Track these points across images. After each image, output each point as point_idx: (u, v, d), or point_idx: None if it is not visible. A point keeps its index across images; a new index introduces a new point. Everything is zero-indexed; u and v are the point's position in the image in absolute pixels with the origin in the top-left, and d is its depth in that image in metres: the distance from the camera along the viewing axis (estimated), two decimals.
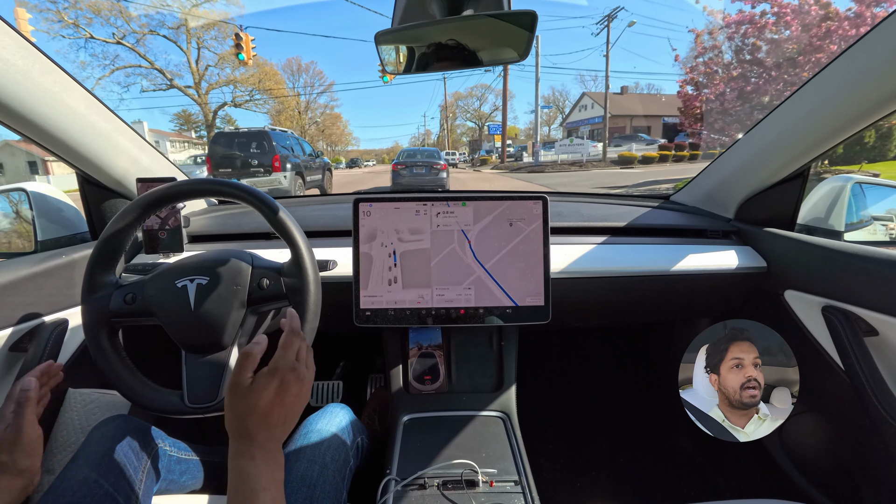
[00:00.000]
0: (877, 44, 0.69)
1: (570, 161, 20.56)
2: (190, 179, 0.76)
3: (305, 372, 0.54)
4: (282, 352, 0.53)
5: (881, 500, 0.85)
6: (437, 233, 0.91)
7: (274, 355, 0.53)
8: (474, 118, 54.23)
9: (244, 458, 0.47)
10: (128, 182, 1.03)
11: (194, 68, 25.58)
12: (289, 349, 0.53)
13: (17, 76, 0.72)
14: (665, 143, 24.08)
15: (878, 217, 1.12)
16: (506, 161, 25.74)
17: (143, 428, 0.78)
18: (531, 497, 0.78)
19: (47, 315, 0.84)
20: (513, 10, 0.67)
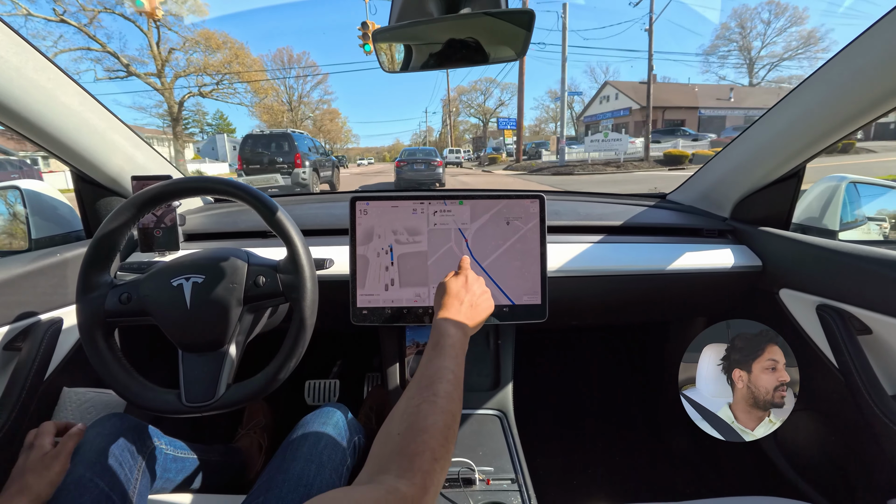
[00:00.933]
0: (871, 45, 0.70)
1: (604, 160, 16.69)
2: (186, 177, 0.76)
3: (484, 286, 0.73)
4: (465, 268, 0.73)
5: (874, 496, 0.86)
6: (434, 231, 0.91)
7: (455, 273, 0.73)
8: (478, 114, 51.85)
9: (441, 319, 0.63)
10: (123, 180, 1.03)
11: (156, 52, 21.07)
12: (466, 268, 0.73)
13: (10, 73, 0.72)
14: (716, 138, 19.83)
15: (872, 216, 1.13)
16: (522, 160, 21.73)
17: (139, 427, 0.78)
18: (528, 495, 0.78)
19: (42, 314, 0.84)
20: (510, 9, 0.67)
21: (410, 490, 0.38)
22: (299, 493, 0.69)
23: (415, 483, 0.39)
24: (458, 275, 0.72)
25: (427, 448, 0.42)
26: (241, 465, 1.11)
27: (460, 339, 0.60)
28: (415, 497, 0.38)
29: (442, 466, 0.43)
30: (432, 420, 0.45)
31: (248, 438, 1.24)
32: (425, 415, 0.46)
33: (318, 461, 0.75)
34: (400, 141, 79.28)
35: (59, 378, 0.85)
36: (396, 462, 0.41)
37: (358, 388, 1.55)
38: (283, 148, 9.32)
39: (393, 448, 0.43)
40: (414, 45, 0.77)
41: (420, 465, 0.41)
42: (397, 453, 0.42)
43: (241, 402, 0.69)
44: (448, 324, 0.62)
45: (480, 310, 0.69)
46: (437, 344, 0.58)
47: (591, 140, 17.02)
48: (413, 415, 0.46)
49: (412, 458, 0.41)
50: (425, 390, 0.49)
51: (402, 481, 0.39)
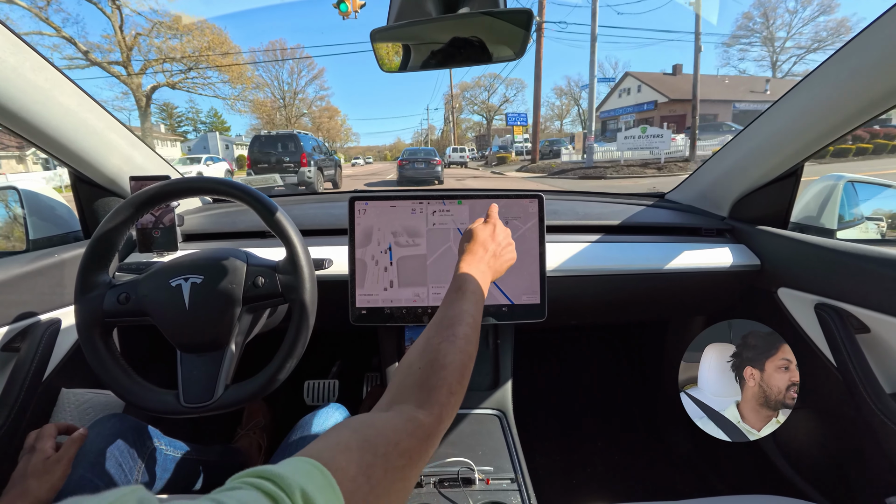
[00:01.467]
0: (869, 44, 0.70)
1: (640, 160, 14.31)
2: (184, 178, 0.76)
3: (509, 237, 0.73)
4: (493, 216, 0.73)
5: (873, 494, 0.86)
6: (432, 231, 0.91)
7: (484, 221, 0.73)
8: (482, 111, 49.61)
9: (465, 263, 0.64)
10: (121, 180, 1.02)
11: (120, 37, 18.44)
12: (495, 216, 0.74)
13: (7, 73, 0.71)
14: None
15: (870, 215, 1.14)
16: (538, 160, 18.60)
17: (138, 427, 0.77)
18: (527, 494, 0.78)
19: (40, 314, 0.83)
20: (509, 9, 0.67)
21: (428, 419, 0.41)
22: None
23: (432, 413, 0.42)
24: (486, 223, 0.72)
25: (445, 383, 0.45)
26: (241, 465, 1.11)
27: (482, 285, 0.62)
28: (431, 425, 0.41)
29: (457, 400, 0.46)
30: (451, 358, 0.48)
31: (247, 439, 1.24)
32: (445, 353, 0.48)
33: None
34: (401, 139, 79.05)
35: (57, 379, 0.85)
36: (416, 393, 0.44)
37: (357, 389, 1.55)
38: (289, 148, 9.91)
39: (413, 380, 0.46)
40: (412, 44, 0.77)
41: (437, 398, 0.44)
42: (417, 386, 0.45)
43: (240, 403, 0.69)
44: (472, 269, 0.63)
45: (503, 260, 0.70)
46: (459, 288, 0.59)
47: (625, 137, 14.18)
48: (433, 352, 0.49)
49: (430, 391, 0.44)
50: (446, 330, 0.52)
51: (421, 411, 0.42)
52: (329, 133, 47.01)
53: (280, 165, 9.71)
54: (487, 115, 49.35)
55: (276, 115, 37.71)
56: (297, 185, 9.58)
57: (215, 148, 33.77)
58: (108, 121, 0.95)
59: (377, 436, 0.37)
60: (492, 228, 0.70)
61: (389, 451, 0.36)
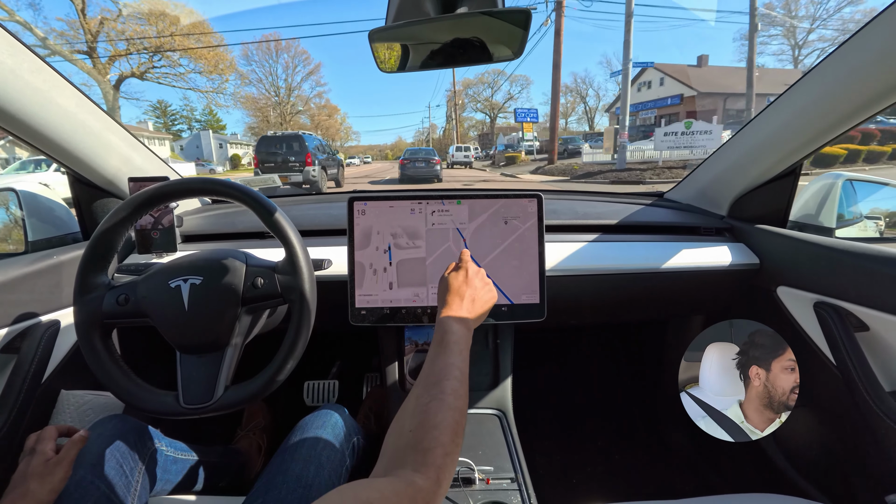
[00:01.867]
0: (867, 42, 0.70)
1: (680, 161, 12.17)
2: (183, 178, 0.76)
3: (484, 278, 0.73)
4: (465, 261, 0.73)
5: (872, 492, 0.86)
6: (432, 231, 0.91)
7: (455, 267, 0.73)
8: (485, 109, 48.04)
9: (444, 316, 0.63)
10: (119, 181, 1.02)
11: (82, 20, 16.38)
12: (466, 260, 0.74)
13: (5, 75, 0.71)
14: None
15: (869, 214, 1.14)
16: (557, 160, 16.22)
17: (139, 428, 0.77)
18: (527, 494, 0.78)
19: (39, 316, 0.83)
20: (507, 8, 0.67)
21: (426, 483, 0.41)
22: (299, 493, 0.69)
23: (430, 477, 0.42)
24: (458, 269, 0.72)
25: (439, 444, 0.45)
26: (241, 466, 1.11)
27: (464, 334, 0.62)
28: (430, 490, 0.41)
29: (452, 460, 0.46)
30: (441, 417, 0.48)
31: (247, 439, 1.24)
32: (434, 412, 0.48)
33: (317, 462, 0.75)
34: (402, 138, 78.69)
35: (56, 380, 0.85)
36: (412, 457, 0.44)
37: (357, 389, 1.55)
38: (294, 148, 10.37)
39: (407, 444, 0.46)
40: (411, 44, 0.77)
41: (433, 460, 0.43)
42: (412, 449, 0.45)
43: (239, 404, 0.69)
44: (451, 320, 0.63)
45: (482, 302, 0.70)
46: (441, 341, 0.59)
47: (664, 134, 12.14)
48: (423, 412, 0.48)
49: (425, 454, 0.44)
50: (433, 388, 0.51)
51: (418, 475, 0.42)
52: (328, 132, 45.80)
53: (286, 165, 10.17)
54: (491, 112, 47.88)
55: (271, 113, 36.07)
56: (302, 184, 10.04)
57: (208, 147, 32.90)
58: (106, 122, 0.95)
59: (380, 500, 0.36)
60: (464, 274, 0.70)
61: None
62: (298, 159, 10.22)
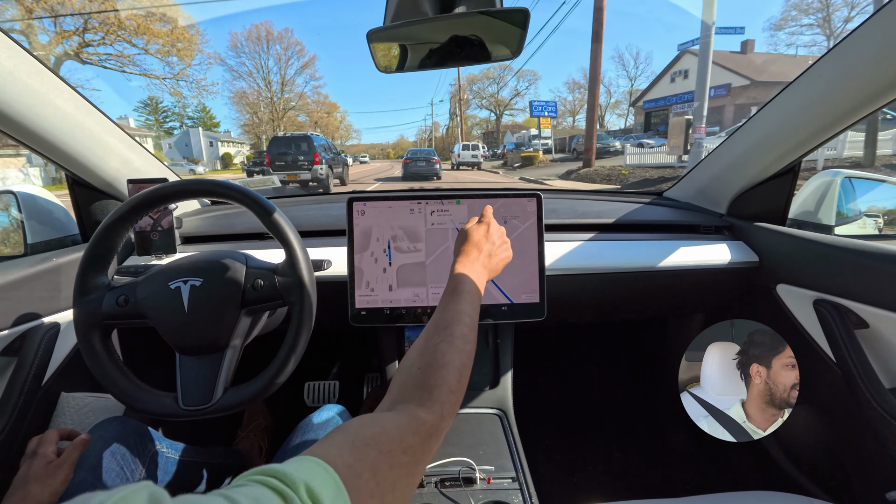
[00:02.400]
0: (865, 40, 0.70)
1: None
2: (182, 180, 0.76)
3: (504, 236, 0.73)
4: (488, 216, 0.73)
5: (873, 489, 0.86)
6: (431, 231, 0.91)
7: (478, 221, 0.73)
8: (491, 105, 45.95)
9: (460, 264, 0.64)
10: (118, 183, 1.02)
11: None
12: (489, 216, 0.74)
13: (3, 77, 0.71)
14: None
15: (868, 211, 1.14)
16: (594, 162, 13.15)
17: (140, 430, 0.77)
18: (528, 493, 0.78)
19: (39, 318, 0.83)
20: (505, 8, 0.67)
21: (430, 417, 0.42)
22: None
23: (434, 411, 0.43)
24: (480, 223, 0.72)
25: (445, 382, 0.46)
26: (242, 467, 1.11)
27: (477, 286, 0.62)
28: (433, 423, 0.42)
29: (457, 398, 0.47)
30: (449, 358, 0.49)
31: (248, 441, 1.24)
32: (443, 353, 0.49)
33: None
34: (404, 137, 78.19)
35: (57, 383, 0.85)
36: (417, 393, 0.45)
37: (357, 389, 1.55)
38: (302, 148, 11.08)
39: (414, 381, 0.47)
40: (409, 44, 0.77)
41: (438, 397, 0.45)
42: (418, 386, 0.46)
43: (238, 406, 0.69)
44: (467, 269, 0.64)
45: (499, 259, 0.71)
46: (454, 290, 0.60)
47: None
48: (432, 352, 0.50)
49: (431, 390, 0.45)
50: (443, 331, 0.53)
51: (423, 409, 0.43)
52: (327, 130, 44.10)
53: (295, 164, 10.89)
54: (496, 109, 45.96)
55: (261, 108, 33.98)
56: (310, 182, 10.72)
57: (198, 145, 31.91)
58: (105, 124, 0.95)
59: (381, 434, 0.37)
60: (485, 228, 0.71)
61: (394, 448, 0.36)
62: (307, 158, 10.87)
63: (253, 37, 34.09)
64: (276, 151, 11.17)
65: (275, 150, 11.23)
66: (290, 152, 11.05)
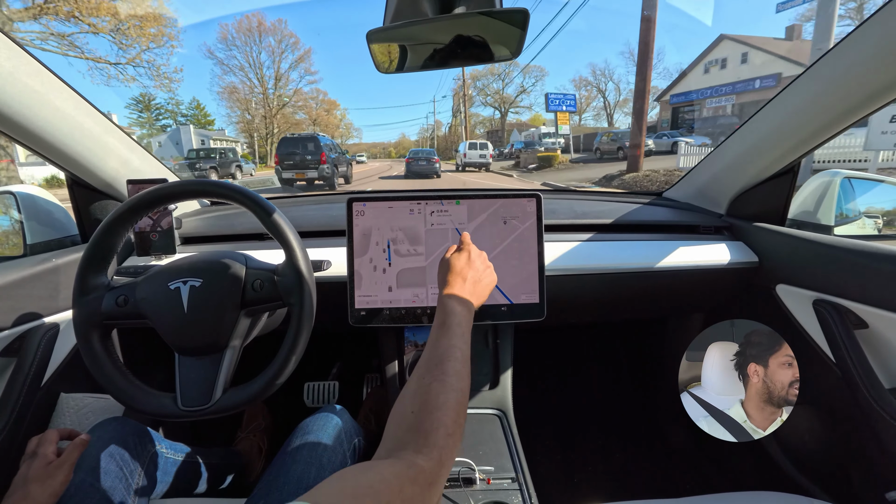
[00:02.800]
0: (863, 40, 0.70)
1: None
2: (182, 181, 0.76)
3: (486, 261, 0.73)
4: (467, 243, 0.73)
5: (873, 489, 0.86)
6: (431, 231, 0.91)
7: (457, 249, 0.73)
8: (495, 102, 43.73)
9: (446, 297, 0.63)
10: (118, 184, 1.02)
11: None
12: (468, 243, 0.73)
13: (3, 77, 0.71)
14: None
15: (867, 211, 1.14)
16: (643, 164, 10.52)
17: (139, 430, 0.77)
18: (528, 493, 0.78)
19: (38, 319, 0.83)
20: (505, 8, 0.67)
21: (428, 464, 0.41)
22: (299, 495, 0.69)
23: (432, 457, 0.41)
24: (460, 251, 0.72)
25: (441, 425, 0.45)
26: (241, 467, 1.11)
27: (466, 316, 0.61)
28: (432, 471, 0.41)
29: (455, 441, 0.45)
30: (444, 398, 0.47)
31: (247, 441, 1.24)
32: (437, 393, 0.48)
33: (318, 464, 0.75)
34: (406, 136, 77.75)
35: (56, 384, 0.85)
36: (413, 439, 0.44)
37: (357, 390, 1.55)
38: (310, 148, 11.80)
39: (409, 426, 0.46)
40: (409, 45, 0.77)
41: (435, 441, 0.43)
42: (414, 431, 0.44)
43: (237, 407, 0.69)
44: (453, 302, 0.62)
45: (484, 285, 0.70)
46: (443, 323, 0.59)
47: (892, 119, 6.09)
48: (425, 394, 0.48)
49: (427, 435, 0.44)
50: (435, 369, 0.51)
51: (420, 456, 0.41)
52: (327, 128, 42.15)
53: (303, 163, 11.65)
54: (501, 107, 43.41)
55: (252, 104, 31.93)
56: (317, 180, 11.61)
57: (188, 143, 30.43)
58: (104, 124, 0.95)
59: (380, 482, 0.36)
60: (466, 255, 0.70)
61: (392, 498, 0.35)
62: (314, 158, 11.61)
63: (244, 28, 32.16)
64: (285, 151, 11.85)
65: (284, 150, 11.89)
66: (299, 152, 11.72)
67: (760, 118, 0.97)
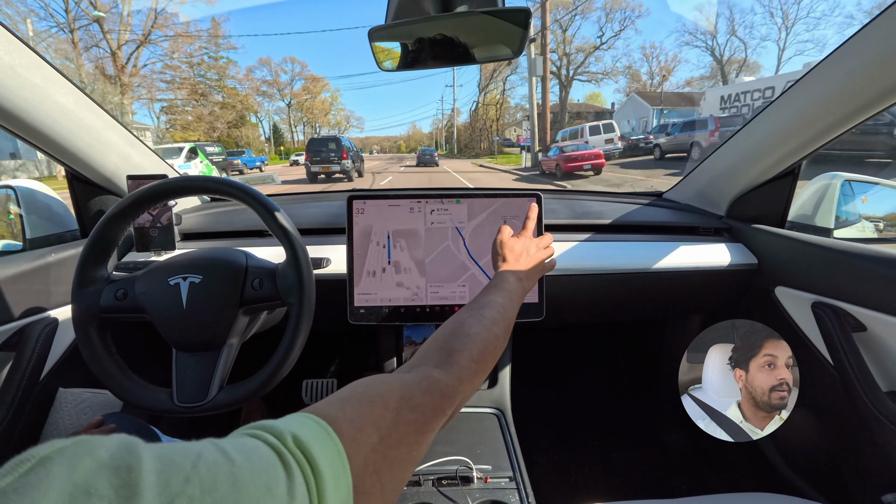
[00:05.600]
0: (866, 43, 0.70)
1: None
2: (182, 176, 0.76)
3: (542, 246, 0.73)
4: (528, 229, 0.73)
5: (870, 491, 0.86)
6: (430, 230, 0.91)
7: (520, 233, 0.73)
8: (555, 65, 26.69)
9: (502, 270, 0.64)
10: (118, 179, 1.02)
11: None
12: (530, 228, 0.74)
13: (3, 71, 0.71)
14: None
15: (867, 214, 1.14)
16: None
17: (137, 426, 0.77)
18: (525, 492, 0.78)
19: (37, 314, 0.83)
20: (506, 7, 0.67)
21: (445, 378, 0.40)
22: None
23: (451, 373, 0.41)
24: (520, 236, 0.72)
25: (466, 348, 0.45)
26: None
27: (518, 287, 0.61)
28: (447, 384, 0.40)
29: (478, 369, 0.44)
30: (475, 330, 0.47)
31: None
32: (470, 325, 0.48)
33: None
34: (416, 126, 77.83)
35: (54, 379, 0.85)
36: (436, 355, 0.44)
37: None
38: (331, 147, 14.39)
39: (435, 345, 0.46)
40: (410, 43, 0.76)
41: (457, 360, 0.43)
42: (438, 349, 0.45)
43: (233, 405, 0.69)
44: (509, 273, 0.63)
45: (540, 267, 0.70)
46: (494, 286, 0.59)
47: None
48: (458, 323, 0.49)
49: (451, 354, 0.44)
50: (474, 311, 0.52)
51: (439, 371, 0.41)
52: (312, 113, 37.36)
53: (328, 159, 14.25)
54: (564, 71, 25.95)
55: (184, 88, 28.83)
56: (339, 173, 14.26)
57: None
58: (105, 119, 0.95)
59: (388, 391, 0.36)
60: (525, 241, 0.71)
61: (401, 405, 0.35)
62: (337, 155, 14.27)
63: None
64: (313, 149, 14.46)
65: (312, 149, 14.51)
66: (324, 150, 14.36)
67: (762, 120, 0.97)
